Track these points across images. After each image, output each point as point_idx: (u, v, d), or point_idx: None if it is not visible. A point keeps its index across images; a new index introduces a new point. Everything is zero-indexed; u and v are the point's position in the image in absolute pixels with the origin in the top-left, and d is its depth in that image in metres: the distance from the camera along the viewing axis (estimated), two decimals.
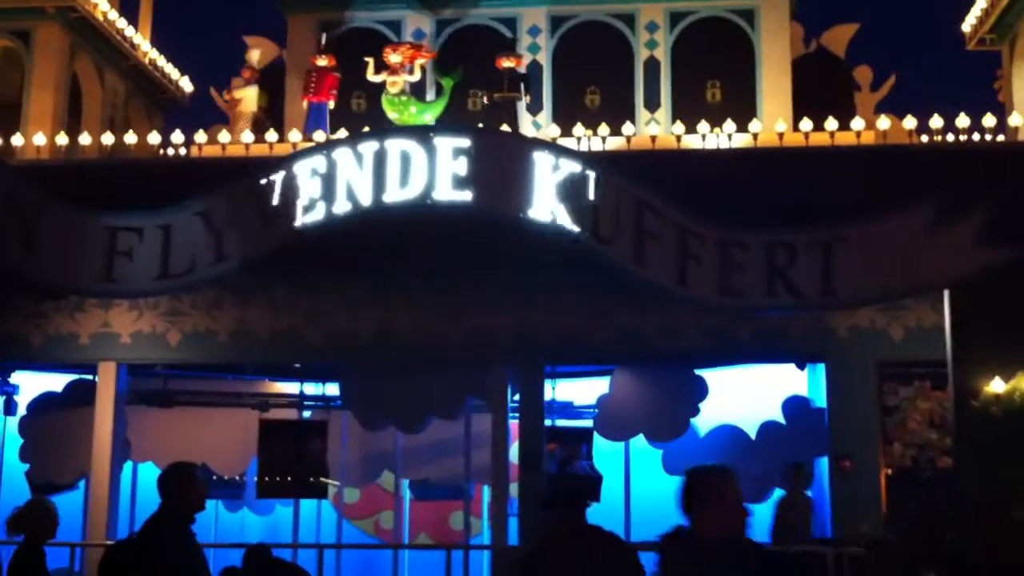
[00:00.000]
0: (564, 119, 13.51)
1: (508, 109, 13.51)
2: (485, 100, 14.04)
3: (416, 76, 13.49)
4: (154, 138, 12.93)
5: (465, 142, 9.34)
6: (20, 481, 11.69)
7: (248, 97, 14.25)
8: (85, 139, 12.85)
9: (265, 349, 11.21)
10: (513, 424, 11.26)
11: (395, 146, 9.40)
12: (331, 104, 13.98)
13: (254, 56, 14.65)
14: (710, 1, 15.02)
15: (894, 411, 10.60)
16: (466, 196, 9.26)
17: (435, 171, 9.25)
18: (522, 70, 14.06)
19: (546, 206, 9.23)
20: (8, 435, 12.07)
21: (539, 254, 9.83)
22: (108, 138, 12.77)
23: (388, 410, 11.62)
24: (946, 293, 9.80)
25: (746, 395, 11.61)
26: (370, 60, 13.75)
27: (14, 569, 7.27)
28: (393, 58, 13.55)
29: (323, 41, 14.26)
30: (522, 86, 13.82)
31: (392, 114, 13.36)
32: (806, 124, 11.76)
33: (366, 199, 9.34)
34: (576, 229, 9.18)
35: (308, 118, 13.83)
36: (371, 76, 13.74)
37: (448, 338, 10.93)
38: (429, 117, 13.51)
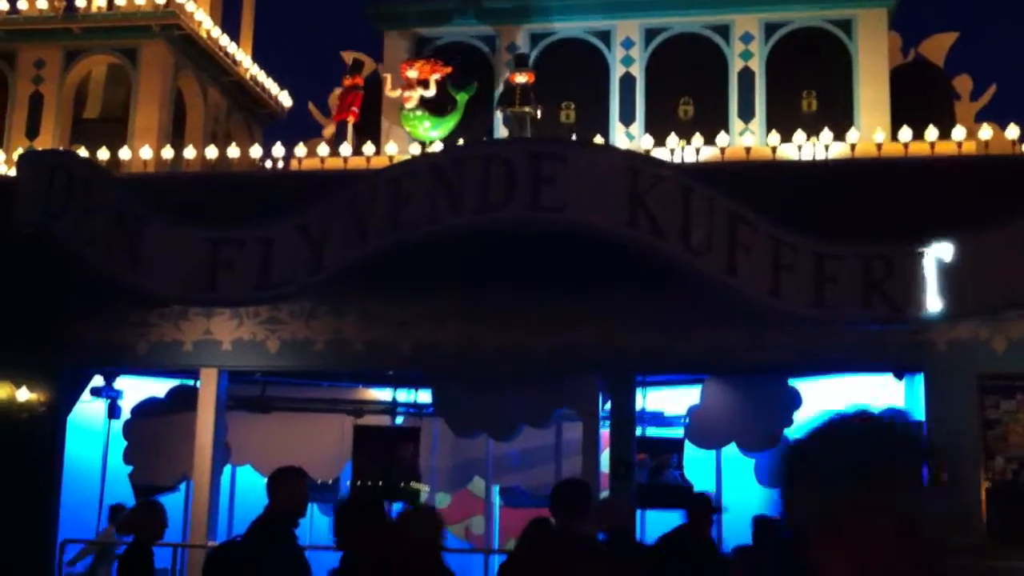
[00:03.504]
0: (657, 130, 13.49)
1: (522, 123, 13.51)
2: (499, 114, 14.08)
3: (432, 91, 13.58)
4: (255, 151, 13.27)
5: None
6: (124, 483, 12.05)
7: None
8: (189, 153, 13.23)
9: (359, 357, 11.41)
10: (604, 433, 11.27)
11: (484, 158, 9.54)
12: (351, 120, 14.29)
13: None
14: (806, 12, 14.85)
15: (995, 424, 10.37)
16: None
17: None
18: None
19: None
20: (112, 438, 12.47)
21: (625, 267, 9.83)
22: (211, 151, 13.12)
23: (479, 418, 11.72)
24: None
25: (841, 406, 11.42)
26: (388, 76, 13.94)
27: (123, 568, 7.54)
28: (409, 73, 13.71)
29: (352, 63, 14.55)
30: (532, 99, 13.72)
31: (407, 129, 13.51)
32: (905, 134, 11.58)
33: (450, 215, 9.45)
34: None
35: (336, 135, 14.16)
36: (388, 92, 13.90)
37: (533, 352, 10.96)
38: (437, 133, 13.55)
